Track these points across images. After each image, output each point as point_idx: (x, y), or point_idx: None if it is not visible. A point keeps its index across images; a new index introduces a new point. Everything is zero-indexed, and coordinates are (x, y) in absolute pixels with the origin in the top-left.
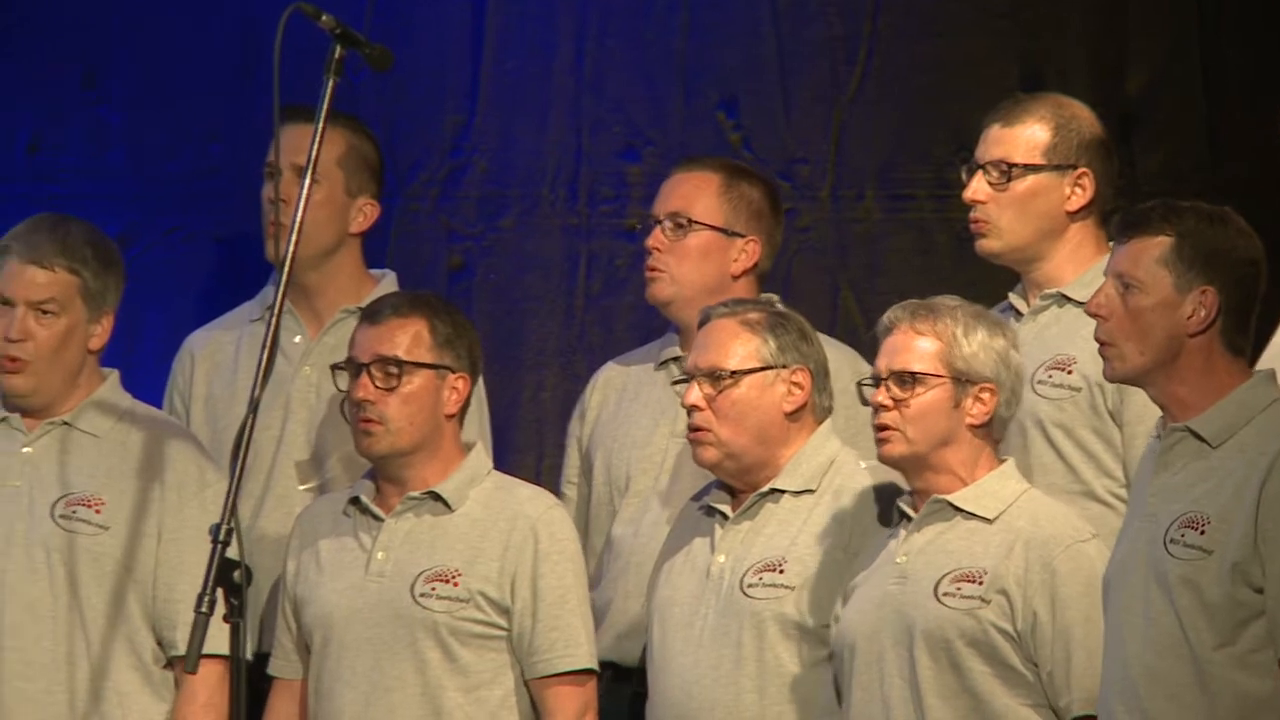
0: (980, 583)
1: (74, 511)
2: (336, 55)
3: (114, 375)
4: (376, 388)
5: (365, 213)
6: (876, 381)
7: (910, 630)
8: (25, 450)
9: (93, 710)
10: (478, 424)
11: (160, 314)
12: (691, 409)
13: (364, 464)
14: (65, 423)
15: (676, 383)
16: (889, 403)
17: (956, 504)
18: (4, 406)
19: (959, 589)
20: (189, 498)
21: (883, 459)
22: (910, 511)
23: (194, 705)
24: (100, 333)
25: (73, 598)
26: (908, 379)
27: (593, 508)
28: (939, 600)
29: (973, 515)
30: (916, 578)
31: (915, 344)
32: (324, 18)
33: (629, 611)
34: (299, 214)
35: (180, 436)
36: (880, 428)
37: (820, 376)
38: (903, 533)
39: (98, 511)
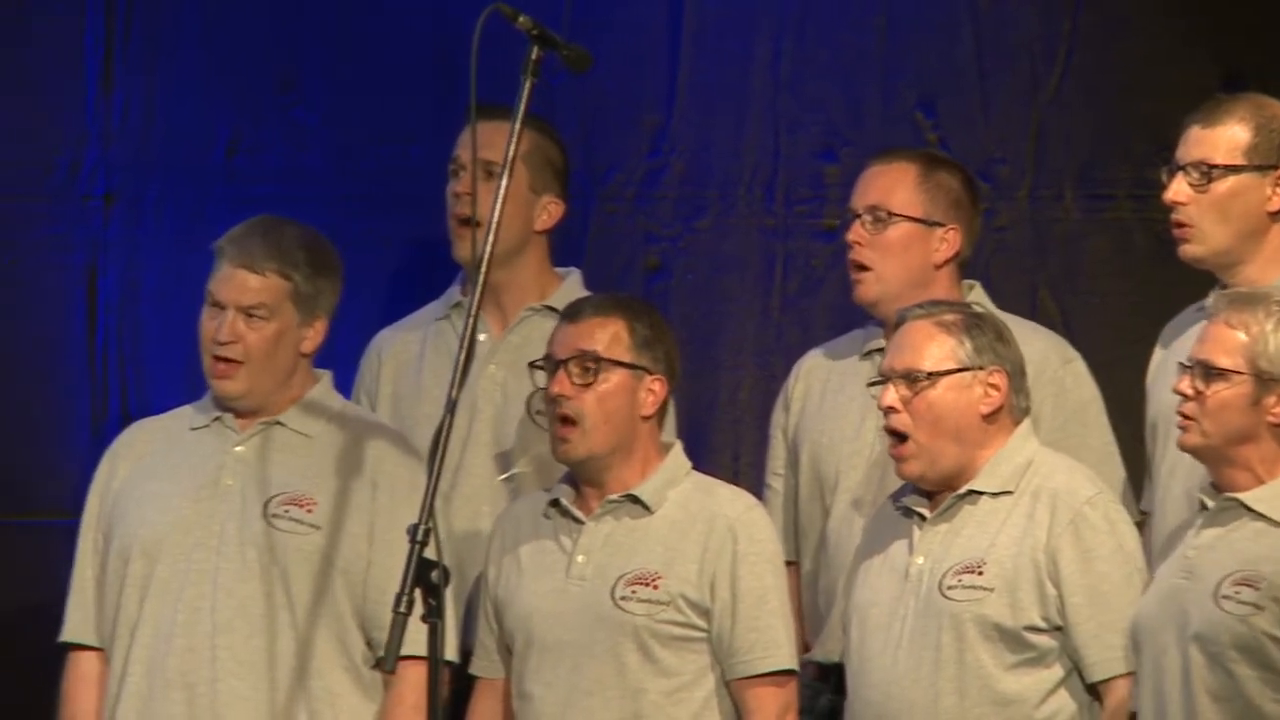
0: (1258, 588)
1: (286, 511)
2: (534, 56)
3: (327, 377)
4: (573, 384)
5: (549, 211)
6: (1186, 367)
7: (1188, 628)
8: (238, 450)
9: (304, 710)
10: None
11: (356, 315)
12: (888, 410)
13: (553, 464)
14: (278, 423)
15: (873, 384)
16: (1190, 392)
17: (1247, 503)
18: (216, 406)
19: (1237, 593)
20: (400, 500)
21: (1180, 447)
22: (1208, 503)
23: (403, 707)
24: (313, 335)
25: (284, 597)
26: (1212, 372)
27: (802, 502)
28: (1217, 603)
29: (1261, 517)
30: (1200, 575)
31: (1224, 336)
32: (521, 19)
33: None
34: (495, 211)
35: (391, 438)
36: (1181, 415)
37: (1017, 377)
38: (1198, 524)
39: (309, 511)
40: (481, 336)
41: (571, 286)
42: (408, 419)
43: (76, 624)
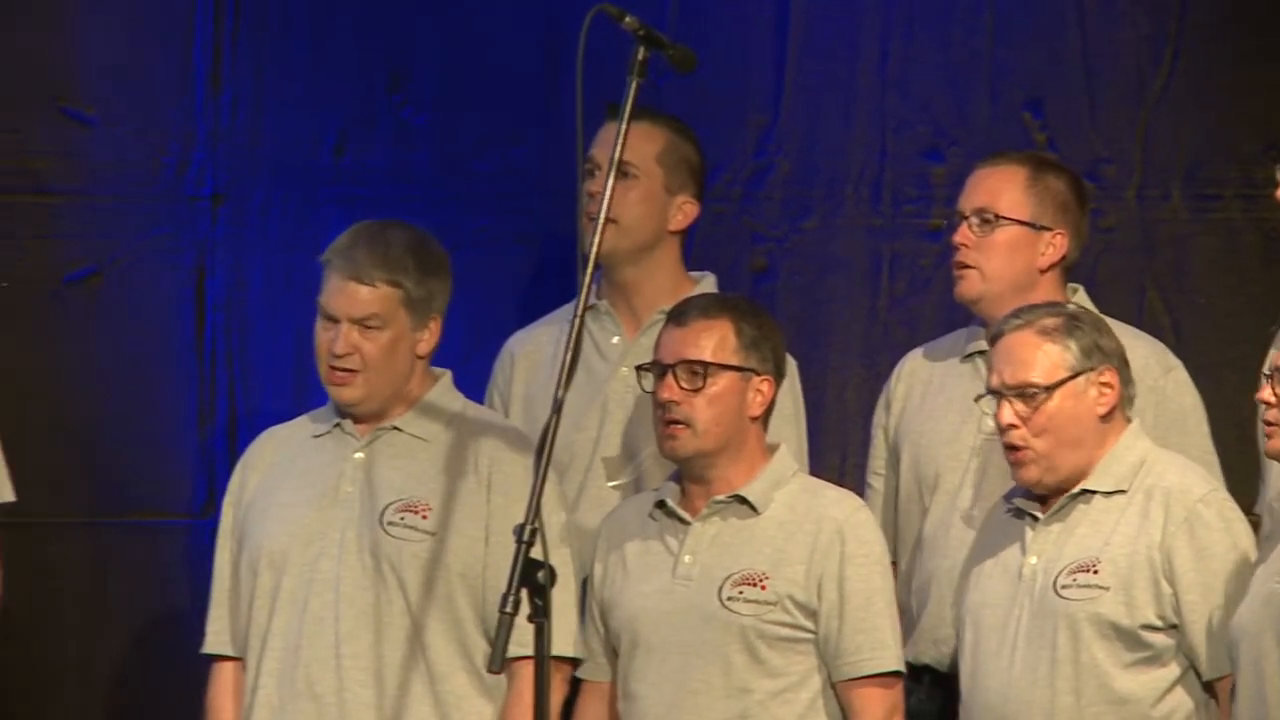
0: None
1: (402, 518)
2: (640, 57)
3: (446, 376)
4: (681, 389)
5: (684, 211)
6: (1267, 376)
7: None
8: (357, 456)
9: (430, 714)
10: (795, 426)
11: (465, 315)
12: (1008, 428)
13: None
14: (395, 428)
15: (980, 398)
16: (1272, 400)
17: None
18: (336, 413)
19: None
20: (515, 500)
21: (1266, 454)
22: None
23: (522, 707)
24: (428, 337)
25: (403, 604)
26: None
27: (901, 502)
28: None
29: None
30: None
31: None
32: (627, 19)
33: (945, 616)
34: (603, 214)
35: (508, 438)
36: (1265, 423)
37: (1124, 369)
38: None
39: (424, 517)
40: (615, 339)
41: (705, 290)
42: (539, 420)
43: (216, 635)
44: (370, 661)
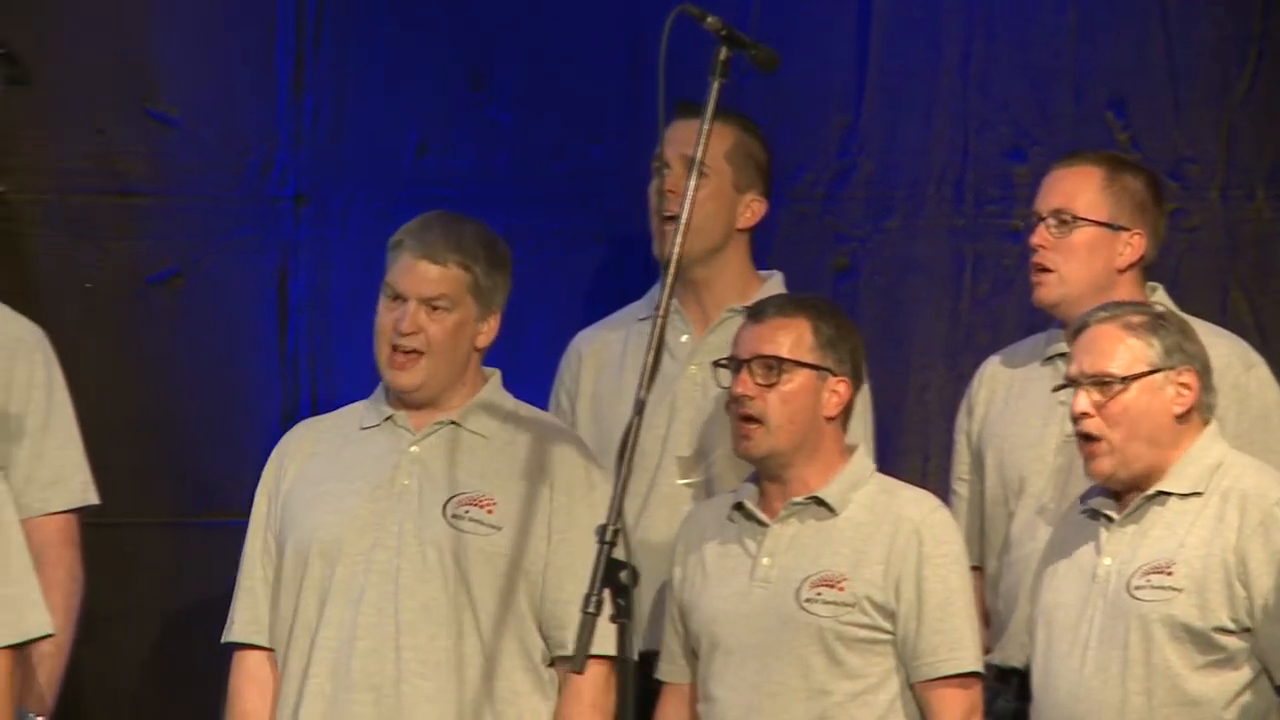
0: None
1: (466, 511)
2: (722, 57)
3: (496, 375)
4: (756, 384)
5: (753, 209)
6: None
7: None
8: (413, 449)
9: (487, 709)
10: (863, 427)
11: (545, 315)
12: (1081, 416)
13: (746, 464)
14: (453, 422)
15: (1058, 388)
16: None
17: None
18: (388, 405)
19: None
20: (578, 499)
21: None
22: None
23: (581, 705)
24: (487, 331)
25: (466, 597)
26: None
27: (987, 506)
28: None
29: None
30: None
31: None
32: (709, 19)
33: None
34: (685, 212)
35: (566, 438)
36: None
37: (1205, 374)
38: None
39: (489, 511)
40: (684, 337)
41: (773, 289)
42: (607, 418)
43: (244, 624)
44: (430, 654)
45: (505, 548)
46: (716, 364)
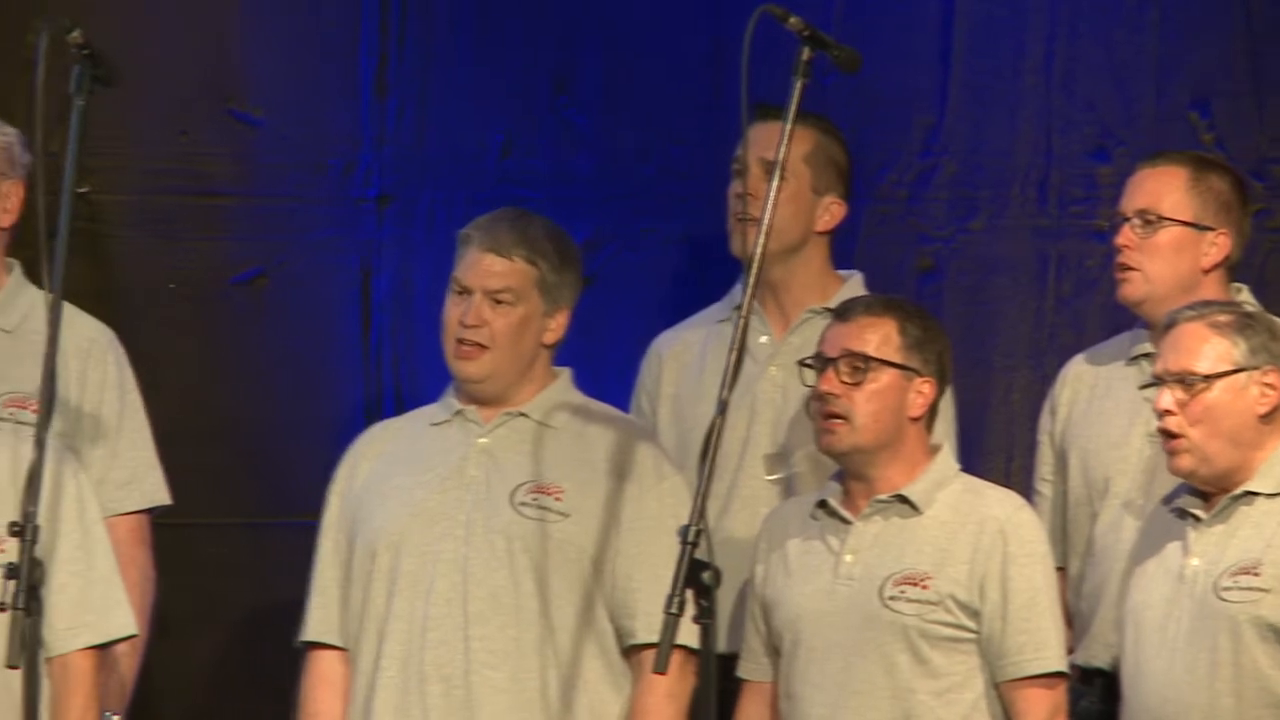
0: None
1: (535, 499)
2: (804, 57)
3: (567, 373)
4: (842, 382)
5: (831, 211)
6: None
7: None
8: (482, 441)
9: (559, 698)
10: (945, 428)
11: (628, 316)
12: (1164, 414)
13: (831, 464)
14: (521, 414)
15: (1145, 386)
16: None
17: None
18: (458, 401)
19: None
20: (647, 489)
21: None
22: None
23: (655, 695)
24: (555, 328)
25: (535, 585)
26: None
27: (1070, 507)
28: None
29: None
30: None
31: None
32: (792, 19)
33: (1116, 619)
34: (766, 213)
35: (636, 431)
36: None
37: None
38: None
39: (558, 499)
40: (763, 339)
41: (853, 289)
42: (688, 420)
43: (318, 623)
44: (500, 644)
45: (574, 535)
46: (802, 363)
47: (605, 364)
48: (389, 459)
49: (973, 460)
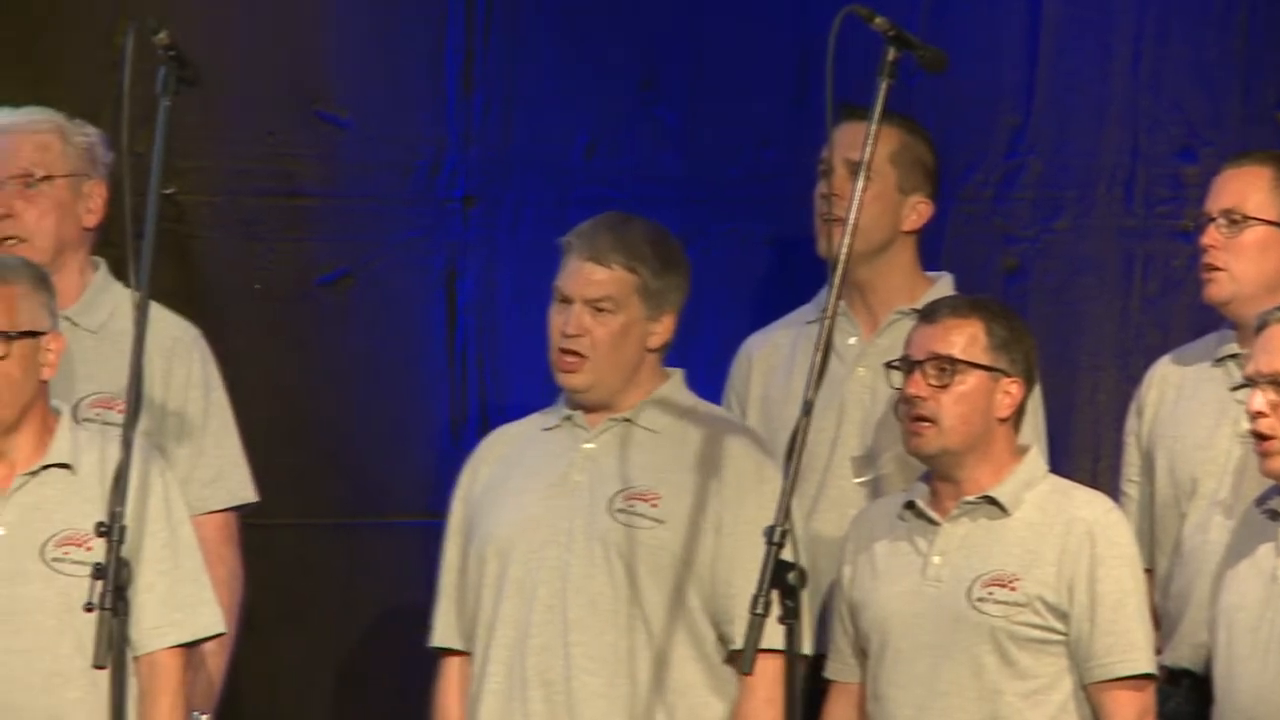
0: None
1: (631, 505)
2: (890, 57)
3: (678, 374)
4: (929, 385)
5: (919, 211)
6: None
7: None
8: (587, 446)
9: (658, 703)
10: (1032, 428)
11: (715, 316)
12: (1256, 415)
13: (918, 465)
14: (626, 419)
15: (1236, 388)
16: None
17: None
18: (567, 406)
19: None
20: (747, 492)
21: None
22: None
23: (755, 700)
24: (660, 331)
25: (633, 591)
26: None
27: (1157, 508)
28: None
29: None
30: None
31: None
32: (878, 20)
33: (1204, 620)
34: (853, 213)
35: (739, 432)
36: None
37: None
38: None
39: (654, 505)
40: (851, 340)
41: (941, 290)
42: (776, 421)
43: (443, 629)
44: (598, 649)
45: (669, 541)
46: (889, 365)
47: (693, 363)
48: (506, 464)
49: (1059, 461)
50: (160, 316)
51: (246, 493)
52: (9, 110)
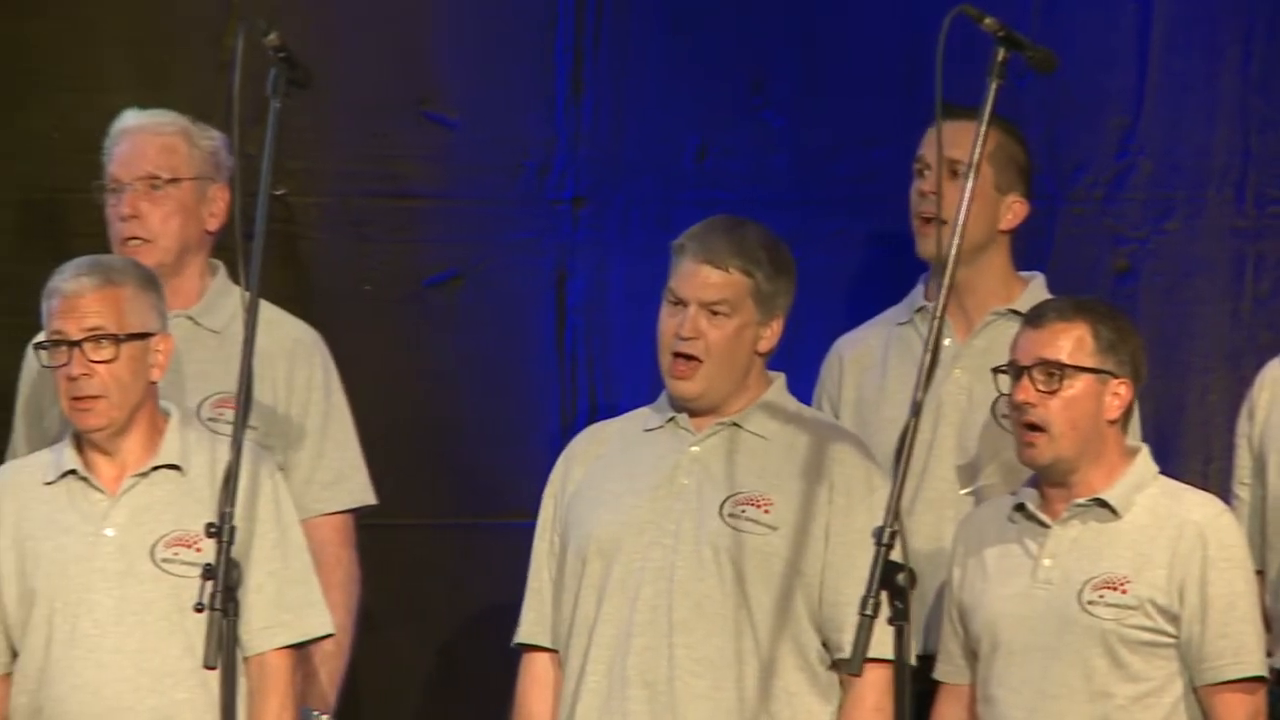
0: None
1: (742, 510)
2: (999, 58)
3: (780, 379)
4: (1038, 391)
5: (1014, 210)
6: None
7: None
8: (694, 449)
9: (761, 709)
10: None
11: (822, 318)
12: None
13: (1020, 470)
14: (734, 423)
15: None
16: None
17: None
18: (671, 407)
19: None
20: (857, 501)
21: None
22: None
23: (862, 708)
24: (769, 335)
25: (740, 596)
26: None
27: (1269, 510)
28: None
29: None
30: None
31: None
32: (987, 20)
33: None
34: (962, 213)
35: (847, 440)
36: None
37: None
38: None
39: (766, 511)
40: (946, 341)
41: (1035, 291)
42: (870, 423)
43: (531, 625)
44: (704, 652)
45: (781, 548)
46: (996, 370)
47: (798, 364)
48: (603, 463)
49: (1169, 463)
50: (281, 319)
51: (366, 495)
52: (135, 111)
